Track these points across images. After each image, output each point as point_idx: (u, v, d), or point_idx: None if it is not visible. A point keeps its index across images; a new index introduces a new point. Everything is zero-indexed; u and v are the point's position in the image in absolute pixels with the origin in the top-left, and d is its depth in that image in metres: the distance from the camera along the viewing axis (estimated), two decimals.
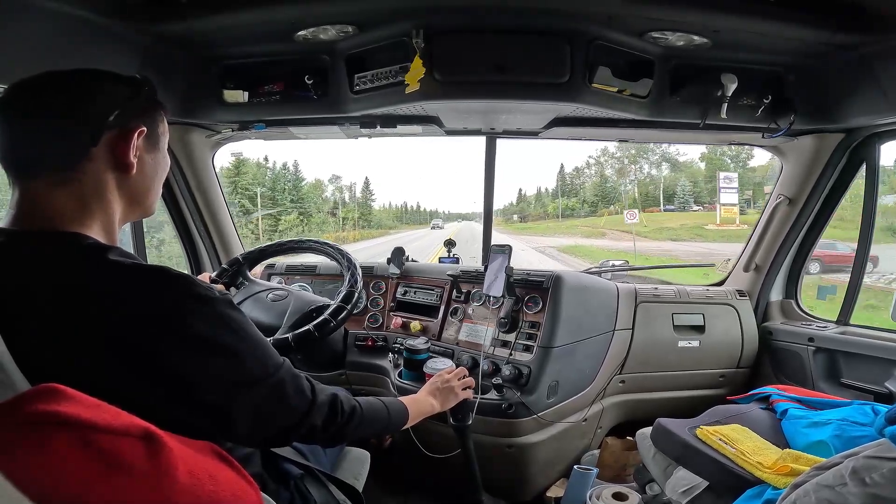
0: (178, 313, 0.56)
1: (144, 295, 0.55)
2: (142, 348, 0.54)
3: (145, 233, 1.84)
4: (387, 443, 1.68)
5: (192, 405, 0.58)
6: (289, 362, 0.70)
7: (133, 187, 0.66)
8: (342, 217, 25.67)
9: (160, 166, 0.71)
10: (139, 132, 0.64)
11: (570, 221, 27.57)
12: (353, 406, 0.81)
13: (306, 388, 0.71)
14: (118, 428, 0.40)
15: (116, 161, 0.63)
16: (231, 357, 0.60)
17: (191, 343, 0.57)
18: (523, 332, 1.48)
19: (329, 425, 0.75)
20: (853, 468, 0.68)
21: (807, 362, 1.66)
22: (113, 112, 0.62)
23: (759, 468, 1.00)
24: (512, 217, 32.62)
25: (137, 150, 0.64)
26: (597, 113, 1.48)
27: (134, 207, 0.68)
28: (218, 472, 0.48)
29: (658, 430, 1.25)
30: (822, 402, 1.30)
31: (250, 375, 0.62)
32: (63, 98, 0.60)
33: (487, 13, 1.23)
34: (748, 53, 1.34)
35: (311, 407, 0.71)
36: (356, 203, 27.26)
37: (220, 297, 0.61)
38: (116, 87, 0.65)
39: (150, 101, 0.69)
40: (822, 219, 1.74)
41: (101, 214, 0.63)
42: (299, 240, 1.54)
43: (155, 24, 1.19)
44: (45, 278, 0.55)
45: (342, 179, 26.88)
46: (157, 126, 0.69)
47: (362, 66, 1.39)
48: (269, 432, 0.67)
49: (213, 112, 1.52)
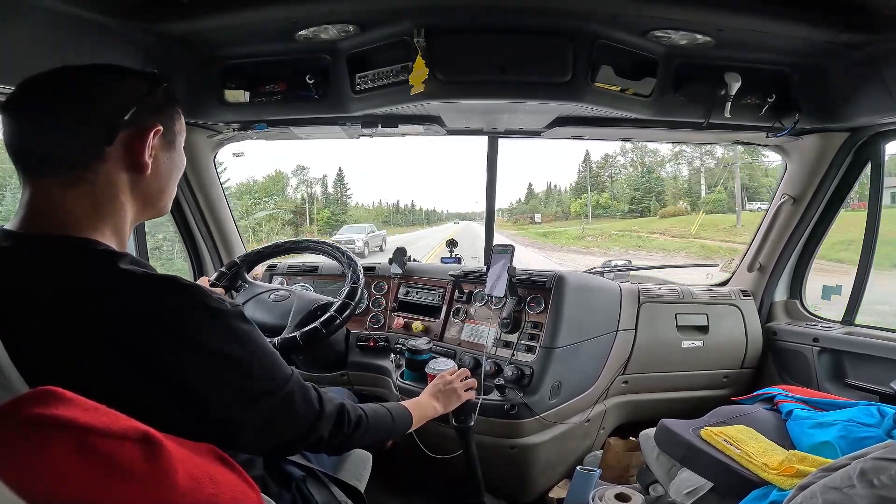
0: (188, 324, 0.55)
1: (154, 303, 0.54)
2: (147, 355, 0.54)
3: (146, 233, 1.84)
4: (389, 444, 1.68)
5: (197, 415, 0.57)
6: (297, 373, 0.69)
7: (147, 188, 0.64)
8: (310, 216, 21.41)
9: (176, 166, 0.69)
10: (155, 131, 0.62)
11: (603, 224, 21.32)
12: (360, 415, 0.80)
13: (314, 399, 0.70)
14: (116, 431, 0.39)
15: (132, 161, 0.60)
16: (240, 370, 0.60)
17: (200, 355, 0.56)
18: (526, 332, 1.48)
19: (336, 435, 0.74)
20: (861, 470, 0.68)
21: (811, 363, 1.65)
22: (129, 110, 0.59)
23: (764, 469, 0.99)
24: (532, 217, 25.84)
25: (153, 149, 0.62)
26: (599, 112, 1.48)
27: (147, 208, 0.66)
28: (218, 475, 0.48)
29: (662, 431, 1.24)
30: (828, 402, 1.29)
31: (259, 388, 0.62)
32: (77, 94, 0.58)
33: (489, 12, 1.23)
34: (752, 52, 1.33)
35: (319, 418, 0.70)
36: (328, 200, 23.31)
37: (232, 309, 0.60)
38: (133, 83, 0.62)
39: (167, 99, 0.66)
40: (826, 218, 1.73)
41: (112, 217, 0.61)
42: (297, 240, 1.54)
43: (156, 24, 1.19)
44: (49, 283, 0.54)
45: (309, 171, 22.46)
46: (173, 124, 0.67)
47: (363, 66, 1.39)
48: (274, 443, 0.67)
49: (214, 112, 1.52)
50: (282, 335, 1.23)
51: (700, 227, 16.37)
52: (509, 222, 26.17)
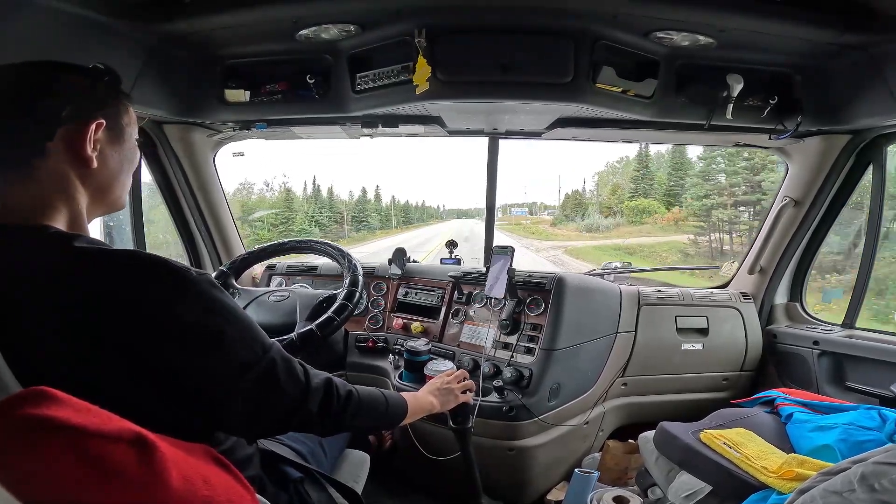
0: (155, 302, 0.54)
1: (114, 280, 0.53)
2: (113, 337, 0.52)
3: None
4: (387, 444, 1.68)
5: (181, 397, 0.55)
6: (279, 345, 0.67)
7: (97, 181, 0.63)
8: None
9: (126, 159, 0.67)
10: (97, 124, 0.61)
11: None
12: (350, 391, 0.78)
13: (299, 372, 0.68)
14: (109, 433, 0.39)
15: (74, 155, 0.60)
16: (217, 342, 0.57)
17: (170, 331, 0.54)
18: (525, 334, 1.47)
19: (326, 411, 0.72)
20: (862, 474, 0.67)
21: (812, 366, 1.64)
22: (67, 105, 0.59)
23: (763, 473, 0.99)
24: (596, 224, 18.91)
25: (96, 143, 0.61)
26: (601, 113, 1.47)
27: (99, 201, 0.65)
28: (213, 476, 0.47)
29: (661, 434, 1.24)
30: (828, 406, 1.28)
31: (239, 360, 0.60)
32: (11, 94, 0.58)
33: (490, 12, 1.23)
34: (754, 53, 1.33)
35: (306, 391, 0.68)
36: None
37: (199, 276, 0.57)
38: (71, 79, 0.62)
39: (111, 92, 0.66)
40: (828, 221, 1.73)
41: (65, 208, 0.60)
42: (296, 240, 1.54)
43: (157, 24, 1.19)
44: (9, 273, 0.53)
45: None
46: (119, 118, 0.66)
47: (364, 66, 1.39)
48: (263, 420, 0.65)
49: (214, 111, 1.52)
50: (296, 330, 1.22)
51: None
52: (557, 228, 20.56)
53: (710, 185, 15.11)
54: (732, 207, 14.23)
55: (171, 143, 1.70)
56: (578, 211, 21.27)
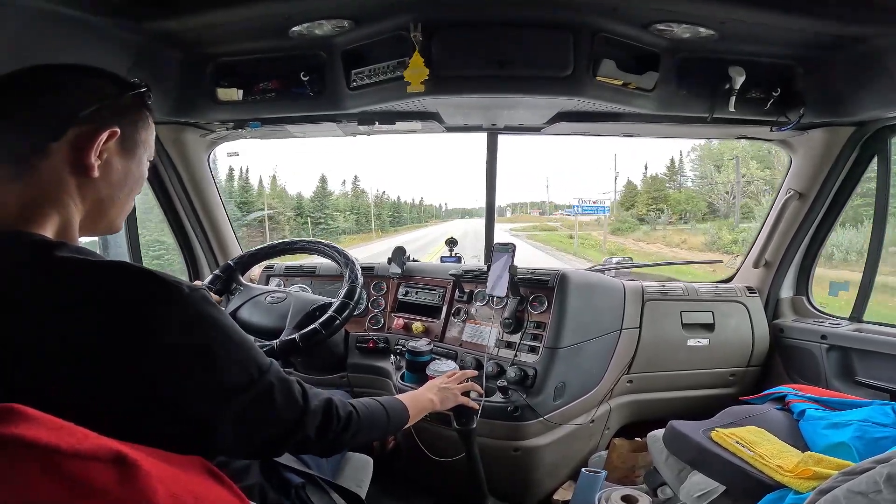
0: (141, 316, 0.50)
1: (99, 293, 0.49)
2: (98, 354, 0.48)
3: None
4: (390, 445, 1.65)
5: (168, 414, 0.52)
6: (277, 365, 0.64)
7: (96, 194, 0.58)
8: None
9: (132, 177, 0.63)
10: (111, 132, 0.57)
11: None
12: (350, 412, 0.76)
13: (297, 394, 0.65)
14: (85, 452, 0.36)
15: (77, 160, 0.56)
16: (206, 361, 0.54)
17: (159, 349, 0.50)
18: (528, 332, 1.45)
19: (323, 435, 0.69)
20: (888, 474, 0.64)
21: (820, 360, 1.62)
22: (86, 107, 0.56)
23: (779, 472, 0.96)
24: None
25: (104, 151, 0.57)
26: (601, 107, 1.45)
27: (93, 219, 0.60)
28: (204, 491, 0.44)
29: (671, 433, 1.21)
30: (841, 402, 1.26)
31: (233, 382, 0.56)
32: (31, 89, 0.55)
33: (488, 6, 1.20)
34: (756, 45, 1.30)
35: (303, 415, 0.65)
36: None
37: (191, 292, 0.53)
38: (100, 83, 0.59)
39: (137, 105, 0.62)
40: (833, 213, 1.70)
41: (55, 216, 0.55)
42: (295, 240, 1.51)
43: (146, 22, 1.16)
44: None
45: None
46: (136, 132, 0.62)
47: (359, 62, 1.36)
48: (257, 444, 0.62)
49: (207, 111, 1.49)
50: (280, 337, 1.20)
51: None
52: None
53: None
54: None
55: (164, 145, 1.67)
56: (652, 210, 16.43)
